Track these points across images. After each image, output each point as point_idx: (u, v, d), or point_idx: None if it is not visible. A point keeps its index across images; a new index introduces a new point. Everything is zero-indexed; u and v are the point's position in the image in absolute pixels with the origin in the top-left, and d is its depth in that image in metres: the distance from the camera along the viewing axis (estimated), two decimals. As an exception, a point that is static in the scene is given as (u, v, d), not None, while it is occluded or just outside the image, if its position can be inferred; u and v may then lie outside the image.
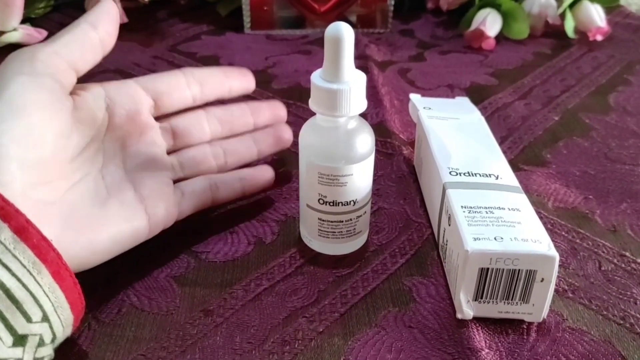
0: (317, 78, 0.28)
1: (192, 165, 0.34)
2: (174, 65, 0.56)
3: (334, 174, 0.29)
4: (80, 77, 0.29)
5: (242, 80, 0.36)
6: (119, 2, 0.62)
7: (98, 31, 0.30)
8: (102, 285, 0.30)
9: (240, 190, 0.35)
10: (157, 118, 0.33)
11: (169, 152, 0.33)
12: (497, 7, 0.62)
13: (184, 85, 0.33)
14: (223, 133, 0.35)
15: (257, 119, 0.36)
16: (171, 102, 0.33)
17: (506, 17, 0.62)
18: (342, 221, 0.31)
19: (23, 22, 0.60)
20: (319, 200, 0.30)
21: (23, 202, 0.24)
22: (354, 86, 0.28)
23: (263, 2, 0.63)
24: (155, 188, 0.31)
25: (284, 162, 0.41)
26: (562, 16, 0.63)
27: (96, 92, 0.30)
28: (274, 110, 0.37)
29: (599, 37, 0.62)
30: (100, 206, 0.28)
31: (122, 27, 0.62)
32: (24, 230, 0.23)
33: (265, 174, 0.36)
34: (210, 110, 0.35)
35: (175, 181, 0.33)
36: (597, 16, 0.61)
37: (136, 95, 0.32)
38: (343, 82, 0.27)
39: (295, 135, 0.32)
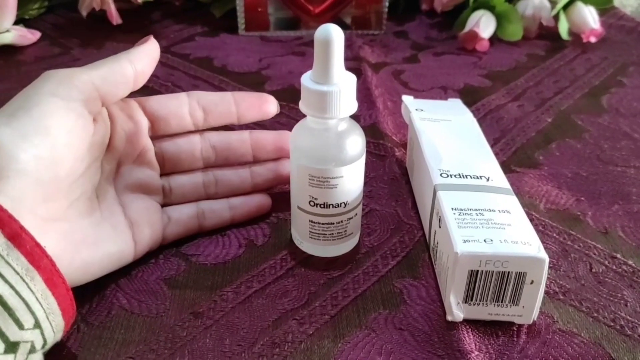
0: (307, 80, 0.28)
1: (180, 193, 0.33)
2: (168, 66, 0.56)
3: (325, 176, 0.29)
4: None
5: (254, 110, 0.34)
6: (113, 3, 0.62)
7: (135, 69, 0.29)
8: (91, 288, 0.30)
9: (228, 218, 0.34)
10: (152, 137, 0.33)
11: (160, 175, 0.33)
12: (491, 8, 0.62)
13: (186, 111, 0.32)
14: (217, 162, 0.34)
15: (258, 153, 0.34)
16: (168, 128, 0.32)
17: (500, 18, 0.62)
18: (333, 223, 0.31)
19: (16, 23, 0.60)
20: (309, 202, 0.30)
21: (30, 219, 0.24)
22: (343, 88, 0.28)
23: (257, 3, 0.63)
24: (144, 213, 0.31)
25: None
26: (556, 18, 0.63)
27: (104, 114, 0.30)
28: (281, 144, 0.35)
29: (593, 39, 0.62)
30: (95, 227, 0.28)
31: (116, 28, 0.63)
32: (17, 236, 0.23)
33: (260, 202, 0.35)
34: (207, 135, 0.34)
35: (163, 204, 0.33)
36: (591, 18, 0.61)
37: (136, 116, 0.31)
38: (333, 84, 0.27)
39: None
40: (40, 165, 0.25)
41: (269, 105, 0.34)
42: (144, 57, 0.30)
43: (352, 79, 0.28)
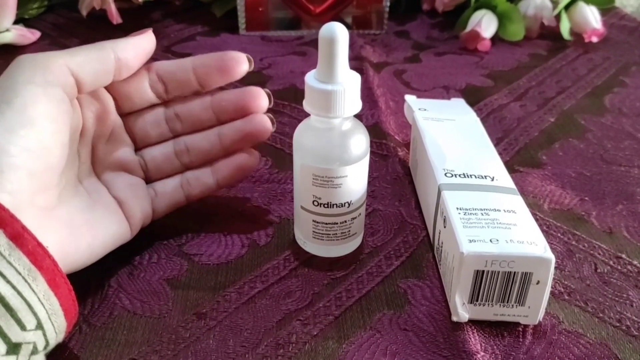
0: (311, 79, 0.28)
1: (155, 166, 0.33)
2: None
3: (329, 176, 0.29)
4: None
5: (215, 74, 0.32)
6: (114, 3, 0.61)
7: (118, 59, 0.29)
8: (93, 288, 0.30)
9: (214, 184, 0.33)
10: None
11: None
12: (493, 8, 0.61)
13: (146, 86, 0.32)
14: (185, 130, 0.33)
15: (221, 116, 0.33)
16: (132, 104, 0.32)
17: (502, 18, 0.62)
18: (337, 223, 0.31)
19: (16, 22, 0.59)
20: (313, 202, 0.30)
21: (30, 211, 0.24)
22: (348, 87, 0.27)
23: (258, 3, 0.63)
24: (129, 190, 0.31)
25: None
26: (558, 18, 0.63)
27: (78, 99, 0.29)
28: (242, 103, 0.32)
29: (595, 39, 0.62)
30: (89, 210, 0.28)
31: (116, 28, 0.63)
32: (20, 236, 0.23)
33: (242, 161, 0.33)
34: (171, 105, 0.33)
35: (146, 181, 0.33)
36: (593, 18, 0.61)
37: (101, 95, 0.31)
38: (337, 83, 0.27)
39: (290, 136, 0.32)
40: (30, 156, 0.24)
41: (235, 65, 0.31)
42: (131, 48, 0.29)
43: (356, 78, 0.28)
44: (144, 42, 0.30)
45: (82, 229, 0.27)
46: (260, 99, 0.32)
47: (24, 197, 0.24)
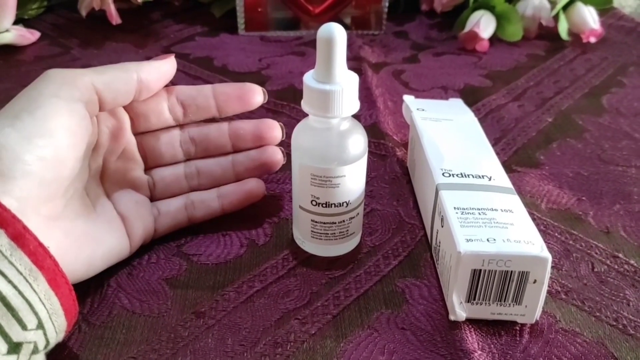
0: (309, 79, 0.28)
1: (163, 186, 0.33)
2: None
3: (327, 175, 0.29)
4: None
5: (234, 102, 0.33)
6: (113, 3, 0.61)
7: (141, 81, 0.29)
8: (93, 288, 0.30)
9: (219, 208, 0.34)
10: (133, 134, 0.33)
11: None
12: (491, 9, 0.62)
13: (165, 107, 0.32)
14: (198, 154, 0.34)
15: (237, 143, 0.34)
16: (148, 124, 0.32)
17: (500, 19, 0.62)
18: (335, 223, 0.31)
19: (16, 23, 0.59)
20: (311, 201, 0.30)
21: (35, 218, 0.24)
22: (346, 87, 0.27)
23: (257, 3, 0.63)
24: (134, 207, 0.31)
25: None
26: (556, 18, 0.63)
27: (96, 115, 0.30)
28: (259, 133, 0.34)
29: (593, 39, 0.62)
30: (92, 223, 0.29)
31: (116, 28, 0.63)
32: (21, 236, 0.23)
33: (250, 189, 0.34)
34: (186, 128, 0.33)
35: (151, 199, 0.33)
36: (591, 18, 0.61)
37: (117, 112, 0.31)
38: (335, 83, 0.27)
39: (289, 136, 0.32)
40: (44, 166, 0.25)
41: (252, 96, 0.33)
42: (153, 72, 0.30)
43: (354, 78, 0.28)
44: (166, 66, 0.31)
45: (83, 241, 0.27)
46: (275, 130, 0.34)
47: (30, 204, 0.24)
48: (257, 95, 0.33)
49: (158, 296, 0.30)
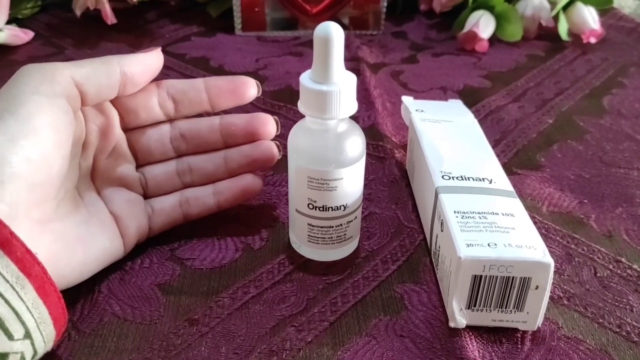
0: (306, 79, 0.27)
1: (155, 184, 0.32)
2: (163, 66, 0.55)
3: (324, 178, 0.28)
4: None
5: (227, 96, 0.32)
6: (108, 3, 0.61)
7: (124, 74, 0.28)
8: (83, 293, 0.29)
9: (214, 205, 0.33)
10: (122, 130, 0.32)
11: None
12: (491, 9, 0.61)
13: (155, 102, 0.31)
14: (189, 150, 0.33)
15: (228, 139, 0.33)
16: (138, 120, 0.31)
17: (499, 19, 0.61)
18: (332, 226, 0.30)
19: (9, 22, 0.59)
20: (308, 205, 0.30)
21: (25, 223, 0.24)
22: (343, 88, 0.27)
23: (254, 3, 0.62)
24: (127, 206, 0.31)
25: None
26: (556, 18, 0.62)
27: (83, 112, 0.29)
28: (252, 129, 0.32)
29: (593, 40, 0.61)
30: (85, 224, 0.28)
31: (111, 28, 0.62)
32: (8, 243, 0.22)
33: (246, 185, 0.33)
34: (177, 124, 0.32)
35: (144, 197, 0.32)
36: (591, 18, 0.61)
37: (106, 109, 0.30)
38: (332, 84, 0.27)
39: (285, 138, 0.31)
40: (32, 167, 0.24)
41: (246, 89, 0.32)
42: (137, 64, 0.29)
43: (352, 78, 0.27)
44: (151, 59, 0.30)
45: (76, 243, 0.27)
46: (269, 125, 0.33)
47: (21, 208, 0.24)
48: (250, 89, 0.32)
49: (150, 302, 0.29)
